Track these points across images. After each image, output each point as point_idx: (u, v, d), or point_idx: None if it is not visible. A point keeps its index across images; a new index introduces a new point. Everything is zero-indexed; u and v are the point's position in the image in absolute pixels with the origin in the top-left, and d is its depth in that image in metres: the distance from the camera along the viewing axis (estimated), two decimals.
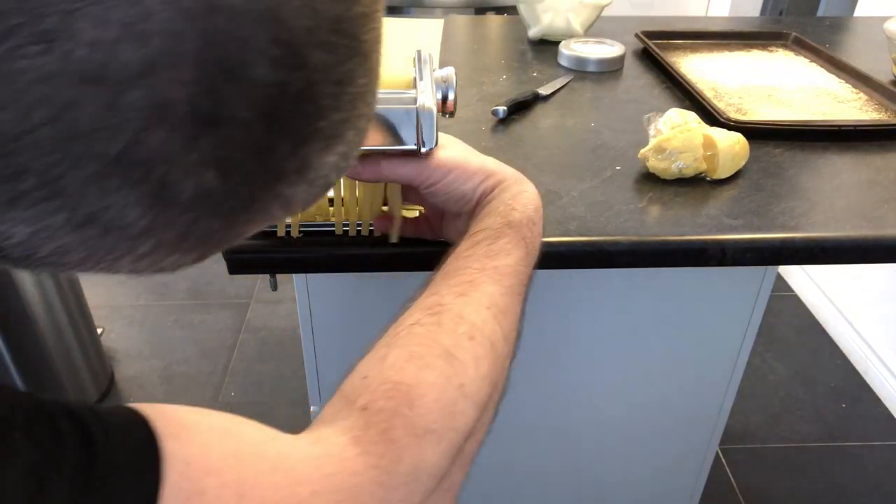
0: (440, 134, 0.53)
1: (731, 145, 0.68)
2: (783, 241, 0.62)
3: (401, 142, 0.52)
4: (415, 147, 0.52)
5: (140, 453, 0.28)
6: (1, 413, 0.25)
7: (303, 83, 0.24)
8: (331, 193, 0.60)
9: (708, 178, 0.69)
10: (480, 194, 0.51)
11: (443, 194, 0.51)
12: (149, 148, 0.21)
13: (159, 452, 0.28)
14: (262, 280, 2.11)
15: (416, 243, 0.59)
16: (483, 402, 0.42)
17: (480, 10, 1.88)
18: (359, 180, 0.54)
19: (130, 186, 0.22)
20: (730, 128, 0.73)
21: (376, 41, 0.27)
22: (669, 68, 0.95)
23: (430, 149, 0.52)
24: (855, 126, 0.81)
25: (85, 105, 0.20)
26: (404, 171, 0.51)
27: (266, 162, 0.25)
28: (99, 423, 0.27)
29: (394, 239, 0.59)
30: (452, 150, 0.53)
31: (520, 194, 0.51)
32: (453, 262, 0.47)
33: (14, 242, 0.22)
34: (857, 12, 1.88)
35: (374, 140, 0.52)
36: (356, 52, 0.26)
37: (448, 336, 0.41)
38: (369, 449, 0.35)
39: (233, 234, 0.27)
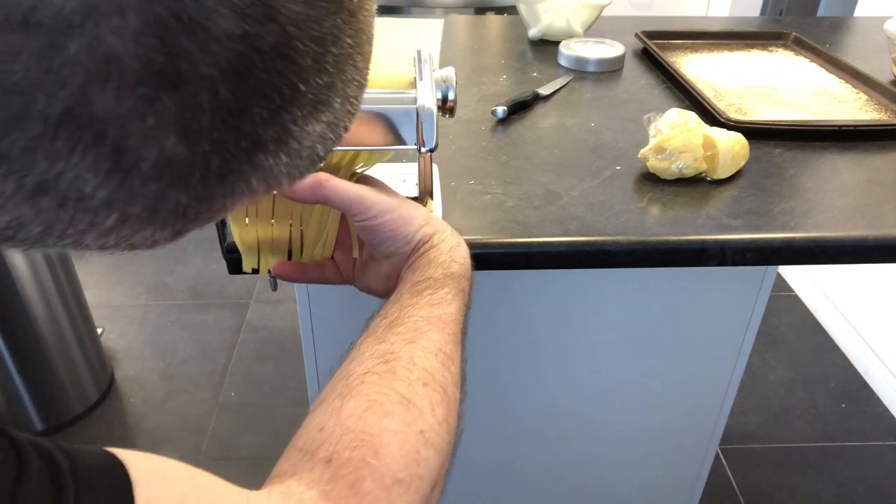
0: (375, 178, 0.53)
1: (731, 145, 0.68)
2: (783, 241, 0.62)
3: (401, 142, 0.52)
4: (415, 147, 0.52)
5: (113, 497, 0.27)
6: None
7: (276, 38, 0.21)
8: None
9: (708, 178, 0.69)
10: (420, 239, 0.50)
11: (383, 232, 0.50)
12: (97, 108, 0.19)
13: (133, 498, 0.27)
14: (262, 280, 2.11)
15: None
16: (444, 448, 0.41)
17: (480, 10, 1.88)
18: (295, 200, 0.50)
19: (82, 152, 0.20)
20: (730, 128, 0.73)
21: None
22: (669, 68, 0.95)
23: (430, 149, 0.53)
24: (855, 126, 0.81)
25: (18, 56, 0.18)
26: (348, 195, 0.48)
27: (239, 128, 0.22)
28: (73, 464, 0.27)
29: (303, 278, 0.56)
30: (390, 193, 0.52)
31: (457, 247, 0.51)
32: (398, 310, 0.46)
33: None
34: (857, 12, 1.88)
35: (375, 140, 0.52)
36: (340, 7, 0.23)
37: (403, 383, 0.40)
38: (340, 503, 0.34)
39: (210, 209, 0.25)
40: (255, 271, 0.56)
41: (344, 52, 0.24)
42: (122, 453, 0.29)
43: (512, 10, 1.60)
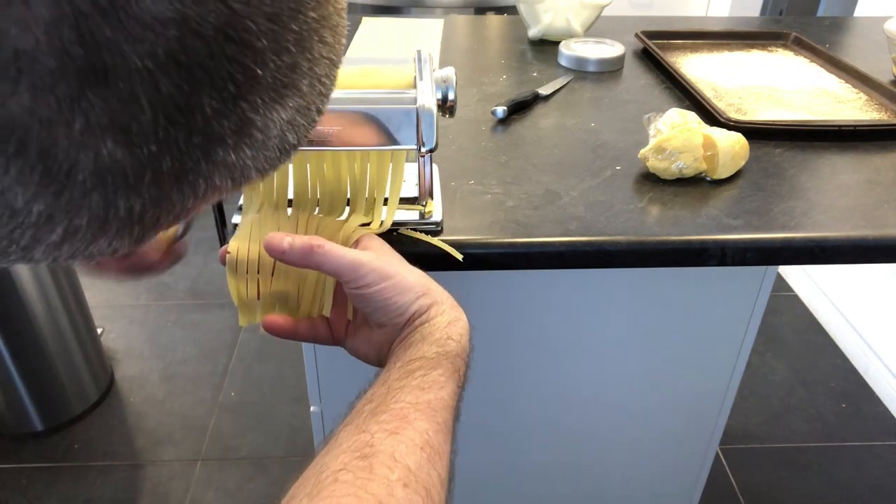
0: (376, 241, 0.51)
1: (731, 145, 0.68)
2: (783, 241, 0.62)
3: (401, 142, 0.52)
4: (415, 147, 0.52)
5: None
6: None
7: (221, 18, 0.19)
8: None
9: (708, 178, 0.69)
10: (415, 311, 0.47)
11: (377, 301, 0.47)
12: (11, 112, 0.17)
13: None
14: None
15: (418, 244, 0.59)
16: None
17: (480, 10, 1.88)
18: (286, 263, 0.48)
19: (4, 163, 0.18)
20: (730, 128, 0.73)
21: None
22: (669, 68, 0.95)
23: (430, 149, 0.53)
24: (855, 126, 0.81)
25: None
26: (341, 262, 0.46)
27: (188, 124, 0.20)
28: None
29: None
30: (389, 259, 0.49)
31: (455, 322, 0.47)
32: (384, 393, 0.42)
33: None
34: (857, 12, 1.88)
35: (374, 140, 0.52)
36: None
37: (380, 485, 0.36)
38: None
39: (171, 213, 0.22)
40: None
41: (307, 27, 0.22)
42: None
43: (512, 10, 1.60)
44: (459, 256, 0.58)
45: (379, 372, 0.46)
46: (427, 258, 0.58)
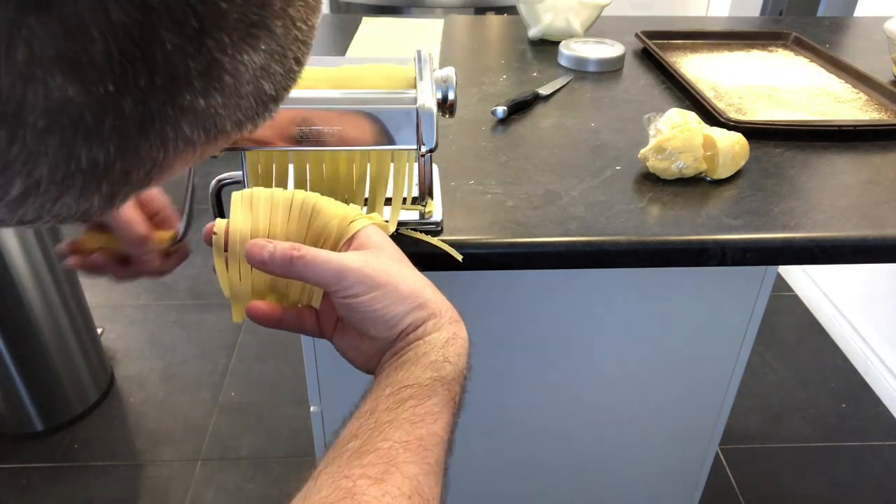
0: (375, 237, 0.46)
1: (731, 145, 0.68)
2: (783, 241, 0.62)
3: (401, 142, 0.52)
4: (415, 147, 0.52)
5: None
6: None
7: None
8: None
9: (708, 178, 0.69)
10: (408, 325, 0.42)
11: (364, 311, 0.42)
12: None
13: None
14: None
15: (418, 244, 0.59)
16: None
17: (480, 10, 1.88)
18: (266, 272, 0.44)
19: None
20: (730, 128, 0.73)
21: None
22: (669, 68, 0.95)
23: (430, 149, 0.52)
24: (855, 126, 0.81)
25: None
26: (324, 271, 0.42)
27: (146, 59, 0.18)
28: None
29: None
30: (384, 263, 0.43)
31: (454, 340, 0.42)
32: (371, 427, 0.38)
33: None
34: (857, 12, 1.88)
35: (374, 140, 0.52)
36: None
37: None
38: None
39: (141, 167, 0.20)
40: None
41: None
42: None
43: (512, 10, 1.60)
44: (459, 257, 0.58)
45: (368, 388, 0.42)
46: (427, 258, 0.58)
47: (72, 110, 0.18)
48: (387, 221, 0.55)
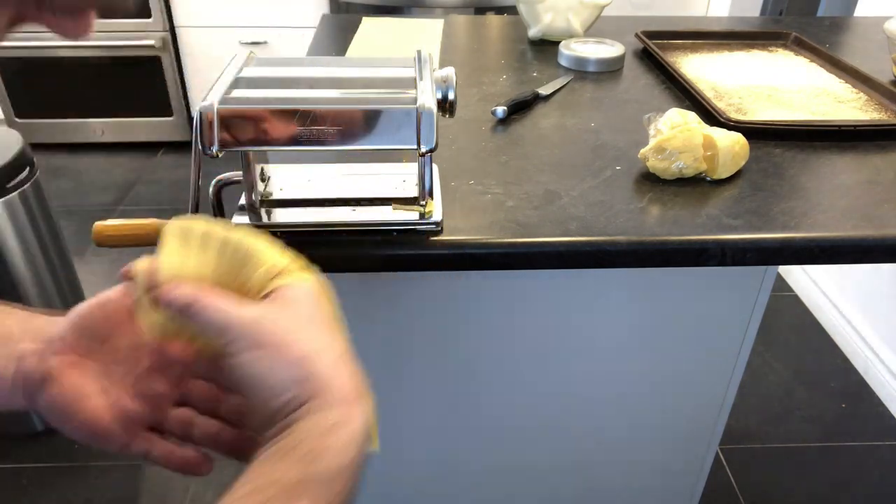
0: (293, 293, 0.39)
1: (731, 145, 0.68)
2: (783, 241, 0.62)
3: (401, 141, 0.52)
4: (414, 147, 0.52)
5: None
6: None
7: None
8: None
9: (708, 178, 0.69)
10: (284, 403, 0.34)
11: (241, 371, 0.35)
12: None
13: None
14: None
15: (420, 244, 0.59)
16: None
17: (480, 10, 1.89)
18: (164, 306, 0.38)
19: None
20: (730, 128, 0.73)
21: None
22: (669, 68, 0.95)
23: (430, 149, 0.53)
24: (855, 126, 0.81)
25: None
26: (209, 320, 0.36)
27: None
28: None
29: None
30: (283, 322, 0.36)
31: (341, 427, 0.33)
32: None
33: None
34: (857, 12, 1.88)
35: (374, 139, 0.52)
36: None
37: None
38: None
39: None
40: None
41: None
42: None
43: (512, 10, 1.60)
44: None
45: (241, 475, 0.33)
46: (427, 258, 0.58)
47: None
48: (384, 225, 0.52)
